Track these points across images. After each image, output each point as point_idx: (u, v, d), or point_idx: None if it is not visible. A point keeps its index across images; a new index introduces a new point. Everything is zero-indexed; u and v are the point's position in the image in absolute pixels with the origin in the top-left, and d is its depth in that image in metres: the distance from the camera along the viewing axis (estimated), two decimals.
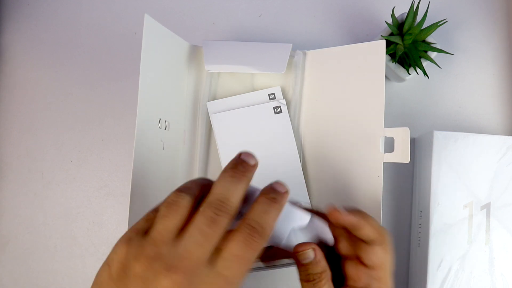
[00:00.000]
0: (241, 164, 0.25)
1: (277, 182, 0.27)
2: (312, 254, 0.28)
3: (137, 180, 0.34)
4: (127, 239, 0.24)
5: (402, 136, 0.36)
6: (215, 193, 0.24)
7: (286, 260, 0.42)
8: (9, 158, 0.49)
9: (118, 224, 0.48)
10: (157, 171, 0.37)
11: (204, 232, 0.23)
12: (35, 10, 0.52)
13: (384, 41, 0.38)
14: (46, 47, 0.51)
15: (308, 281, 0.28)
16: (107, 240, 0.48)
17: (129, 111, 0.49)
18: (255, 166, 0.26)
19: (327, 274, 0.28)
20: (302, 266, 0.28)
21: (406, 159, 0.35)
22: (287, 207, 0.28)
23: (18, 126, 0.50)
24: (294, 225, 0.28)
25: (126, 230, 0.33)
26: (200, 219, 0.23)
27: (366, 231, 0.29)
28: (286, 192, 0.26)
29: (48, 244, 0.48)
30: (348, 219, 0.29)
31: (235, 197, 0.24)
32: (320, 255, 0.28)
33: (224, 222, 0.23)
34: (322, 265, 0.28)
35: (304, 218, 0.28)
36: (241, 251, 0.23)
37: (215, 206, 0.23)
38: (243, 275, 0.23)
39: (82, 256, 0.48)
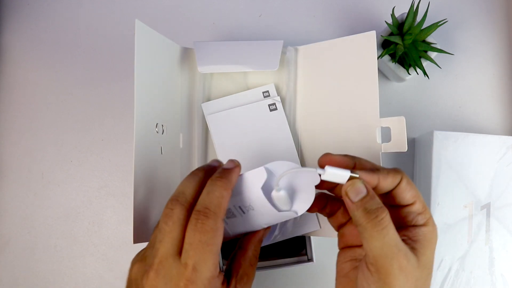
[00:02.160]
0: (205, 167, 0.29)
1: (228, 160, 0.28)
2: (363, 188, 0.25)
3: (138, 186, 0.33)
4: None
5: (398, 126, 0.36)
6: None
7: (286, 260, 0.42)
8: (9, 158, 0.49)
9: (118, 224, 0.48)
10: (158, 176, 0.37)
11: (162, 229, 0.25)
12: (35, 10, 0.52)
13: (374, 31, 0.37)
14: (46, 47, 0.51)
15: (368, 218, 0.24)
16: (107, 240, 0.48)
17: (129, 111, 0.49)
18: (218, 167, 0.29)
19: (386, 210, 0.25)
20: (354, 206, 0.25)
21: (404, 148, 0.35)
22: (240, 177, 0.28)
23: (18, 126, 0.50)
24: (259, 184, 0.27)
25: (126, 229, 0.33)
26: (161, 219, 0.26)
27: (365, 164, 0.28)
28: (236, 166, 0.27)
29: (48, 244, 0.48)
30: (342, 160, 0.27)
31: (188, 190, 0.26)
32: (371, 189, 0.25)
33: (176, 213, 0.25)
34: (378, 200, 0.25)
35: (260, 172, 0.27)
36: (194, 237, 0.24)
37: (173, 200, 0.26)
38: (209, 259, 0.24)
39: (82, 256, 0.48)
